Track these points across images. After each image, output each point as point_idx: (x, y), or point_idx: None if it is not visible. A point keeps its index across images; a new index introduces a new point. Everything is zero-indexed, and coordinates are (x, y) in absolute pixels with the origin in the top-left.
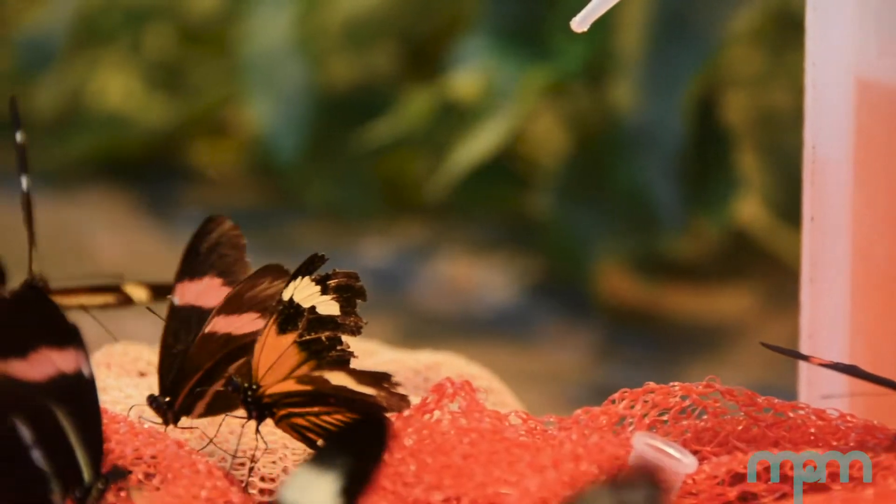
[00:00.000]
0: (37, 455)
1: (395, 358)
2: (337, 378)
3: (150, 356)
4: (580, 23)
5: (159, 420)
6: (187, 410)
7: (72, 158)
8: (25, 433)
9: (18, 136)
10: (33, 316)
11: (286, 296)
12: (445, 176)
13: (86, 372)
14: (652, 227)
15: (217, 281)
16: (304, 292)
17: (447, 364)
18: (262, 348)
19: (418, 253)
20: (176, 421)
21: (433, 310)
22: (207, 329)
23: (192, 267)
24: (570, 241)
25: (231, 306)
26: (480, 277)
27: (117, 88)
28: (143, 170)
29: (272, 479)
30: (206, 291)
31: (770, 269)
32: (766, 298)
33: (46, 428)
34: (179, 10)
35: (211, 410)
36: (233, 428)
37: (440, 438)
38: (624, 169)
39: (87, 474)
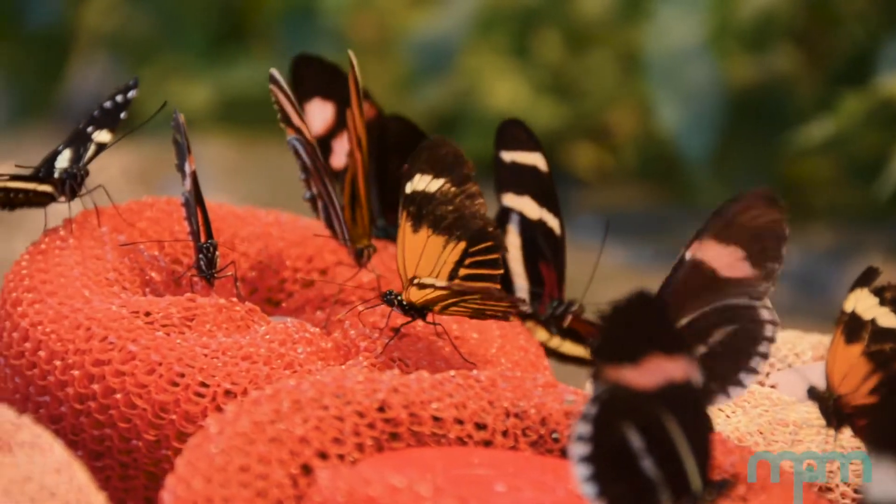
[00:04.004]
0: (647, 464)
1: None
2: None
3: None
4: None
5: None
6: None
7: None
8: (636, 441)
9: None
10: (645, 323)
11: (848, 308)
12: (890, 179)
13: (695, 380)
14: None
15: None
16: (864, 304)
17: None
18: (835, 358)
19: (832, 257)
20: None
21: None
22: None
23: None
24: None
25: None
26: None
27: (505, 91)
28: None
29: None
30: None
31: None
32: None
33: (656, 436)
34: (567, 14)
35: None
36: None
37: None
38: None
39: (695, 484)
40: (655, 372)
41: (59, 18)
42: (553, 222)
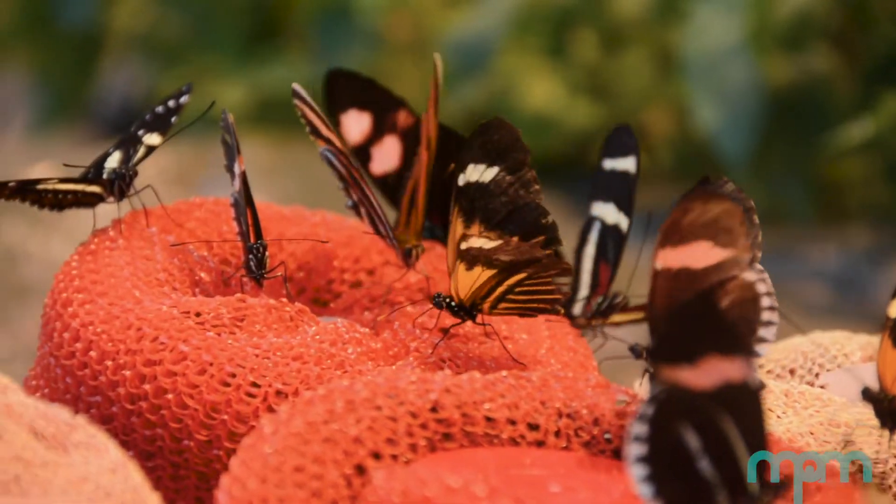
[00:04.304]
0: (704, 464)
1: None
2: None
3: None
4: None
5: None
6: None
7: None
8: (693, 442)
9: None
10: (702, 323)
11: (892, 314)
12: None
13: (752, 381)
14: None
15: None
16: None
17: None
18: (885, 361)
19: (870, 258)
20: None
21: None
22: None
23: None
24: None
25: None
26: None
27: (541, 91)
28: (566, 171)
29: None
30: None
31: None
32: None
33: (713, 437)
34: (603, 14)
35: None
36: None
37: None
38: None
39: (751, 485)
40: (712, 372)
41: (92, 19)
42: (624, 223)
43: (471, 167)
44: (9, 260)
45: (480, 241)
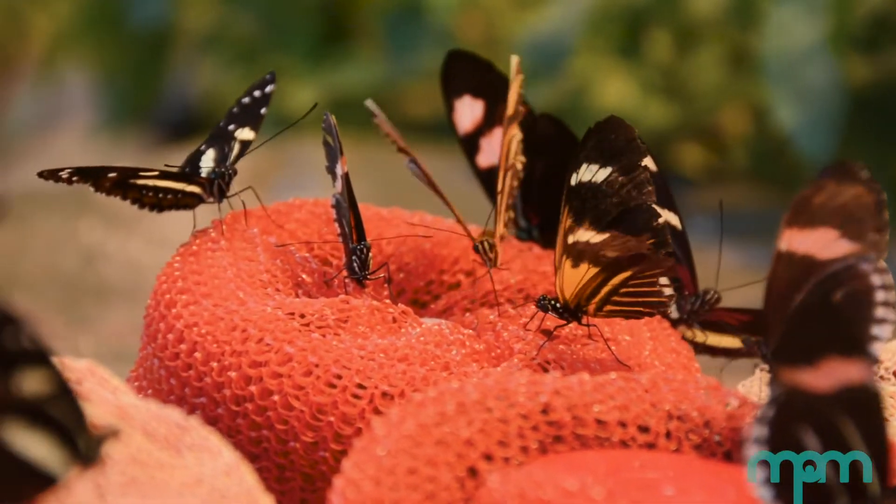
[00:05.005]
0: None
1: None
2: None
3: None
4: None
5: None
6: None
7: None
8: (813, 445)
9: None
10: (822, 324)
11: None
12: None
13: (871, 383)
14: None
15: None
16: None
17: None
18: None
19: None
20: None
21: None
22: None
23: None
24: None
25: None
26: None
27: (614, 91)
28: None
29: None
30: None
31: None
32: None
33: (833, 440)
34: (677, 14)
35: None
36: None
37: None
38: None
39: (872, 488)
40: (832, 374)
41: (160, 19)
42: (675, 220)
43: (584, 167)
44: (87, 261)
45: (588, 235)
